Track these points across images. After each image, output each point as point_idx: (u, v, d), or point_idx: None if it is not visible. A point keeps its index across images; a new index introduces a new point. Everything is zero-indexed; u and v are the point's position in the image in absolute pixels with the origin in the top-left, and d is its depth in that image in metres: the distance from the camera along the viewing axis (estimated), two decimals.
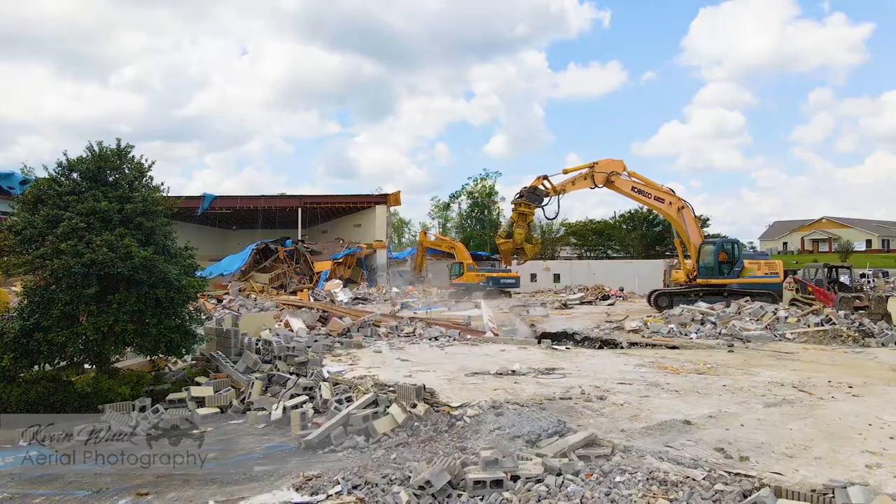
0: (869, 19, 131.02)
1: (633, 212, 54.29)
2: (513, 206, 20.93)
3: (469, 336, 14.48)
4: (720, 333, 14.86)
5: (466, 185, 78.21)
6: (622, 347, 14.73)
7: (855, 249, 73.51)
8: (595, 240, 58.68)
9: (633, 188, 21.90)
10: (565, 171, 21.15)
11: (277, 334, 11.86)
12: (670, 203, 22.39)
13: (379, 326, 15.79)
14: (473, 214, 79.40)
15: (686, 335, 15.03)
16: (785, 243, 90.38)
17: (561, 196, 21.11)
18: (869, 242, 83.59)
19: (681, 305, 17.36)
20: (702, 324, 15.78)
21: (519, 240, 20.20)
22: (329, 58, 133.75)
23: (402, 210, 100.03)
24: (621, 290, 34.07)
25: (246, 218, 48.31)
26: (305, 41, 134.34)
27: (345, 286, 38.84)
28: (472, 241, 64.45)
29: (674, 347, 13.91)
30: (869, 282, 35.49)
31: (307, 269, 40.92)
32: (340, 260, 41.51)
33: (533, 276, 43.26)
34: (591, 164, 21.32)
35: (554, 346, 12.99)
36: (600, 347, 15.26)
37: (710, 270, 22.71)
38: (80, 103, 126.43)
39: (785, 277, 23.84)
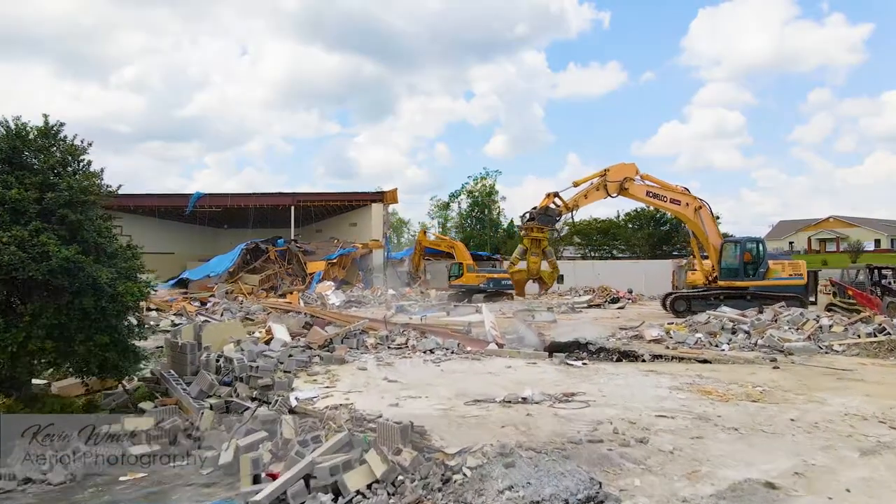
0: (868, 20, 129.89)
1: (638, 210, 52.43)
2: (522, 231, 18.47)
3: (469, 348, 12.65)
4: (755, 344, 13.02)
5: (466, 184, 76.72)
6: (644, 360, 12.90)
7: (864, 249, 71.71)
8: (599, 239, 56.76)
9: (647, 193, 19.97)
10: (575, 184, 19.10)
11: (242, 349, 10.02)
12: (687, 204, 20.48)
13: (368, 335, 13.99)
14: (473, 214, 77.77)
15: (716, 346, 13.21)
16: (791, 243, 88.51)
17: (574, 212, 19.19)
18: (878, 242, 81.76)
19: (707, 312, 15.56)
20: (733, 333, 13.95)
21: (535, 269, 17.72)
22: (329, 58, 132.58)
23: (402, 210, 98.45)
24: (630, 291, 32.24)
25: (237, 217, 46.52)
26: (305, 41, 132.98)
27: (339, 288, 37.09)
28: (472, 240, 62.71)
29: (705, 361, 12.09)
30: (889, 283, 33.62)
31: (300, 270, 39.13)
32: (335, 260, 39.72)
33: None
34: (602, 171, 19.21)
35: (568, 362, 11.15)
36: (618, 360, 13.43)
37: (732, 272, 20.89)
38: (79, 103, 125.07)
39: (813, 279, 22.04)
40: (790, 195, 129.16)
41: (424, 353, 12.25)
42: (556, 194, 18.28)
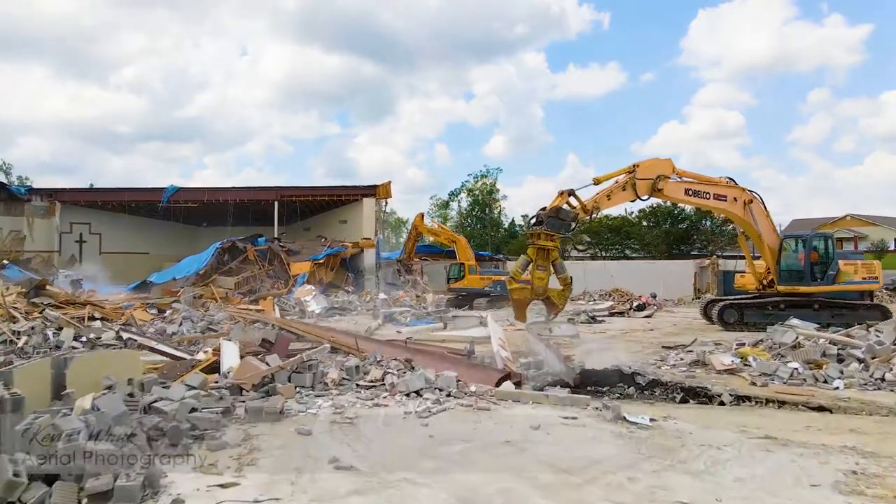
0: (867, 20, 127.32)
1: (653, 207, 48.45)
2: (528, 238, 14.17)
3: (473, 387, 8.74)
4: (882, 380, 9.17)
5: (466, 182, 73.44)
6: (723, 403, 9.06)
7: (888, 249, 67.85)
8: (611, 238, 52.65)
9: (686, 191, 16.01)
10: (596, 181, 14.91)
11: (96, 408, 6.09)
12: (735, 199, 16.48)
13: (333, 360, 10.12)
14: (474, 213, 74.54)
15: (824, 382, 9.34)
16: None
17: (593, 216, 14.99)
18: None
19: (792, 330, 11.66)
20: (839, 361, 10.07)
21: (541, 286, 13.47)
22: (328, 58, 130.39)
23: (401, 209, 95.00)
24: (654, 296, 28.33)
25: (218, 214, 42.62)
26: (304, 42, 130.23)
27: (325, 291, 33.31)
28: (473, 240, 58.89)
29: (821, 409, 8.25)
30: None
31: (282, 272, 35.23)
32: (321, 261, 35.78)
33: None
34: (630, 167, 14.87)
35: (628, 418, 7.20)
36: (684, 400, 9.58)
37: (794, 275, 17.04)
38: (80, 104, 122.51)
39: None
40: (790, 195, 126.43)
41: (408, 395, 8.35)
42: (572, 193, 13.97)
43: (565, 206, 13.87)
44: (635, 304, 24.79)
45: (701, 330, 18.00)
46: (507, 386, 8.62)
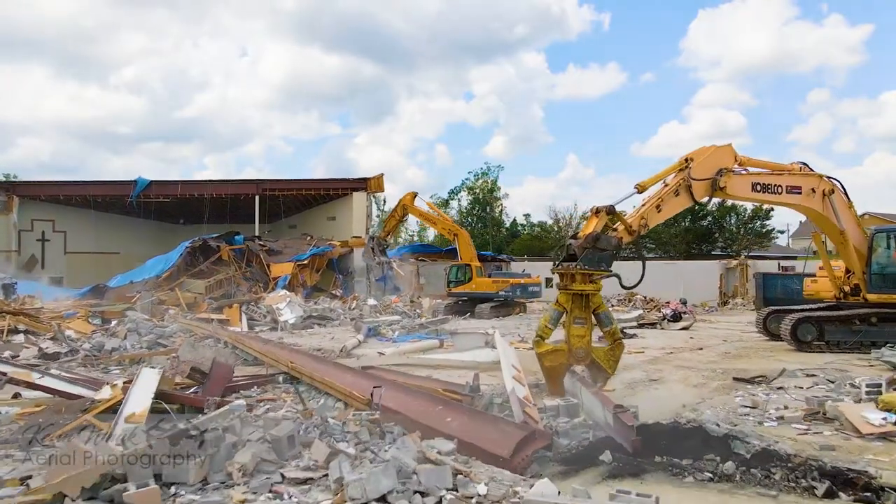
0: (867, 20, 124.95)
1: None
2: (559, 280, 9.63)
3: (481, 486, 5.01)
4: None
5: (466, 180, 70.28)
6: None
7: None
8: None
9: (753, 186, 12.07)
10: (640, 188, 10.61)
11: None
12: (812, 190, 12.64)
13: (297, 387, 6.41)
14: (474, 212, 71.28)
15: None
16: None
17: (640, 233, 10.63)
18: None
19: None
20: None
21: (582, 347, 9.23)
22: (328, 59, 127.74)
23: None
24: (684, 302, 24.56)
25: (196, 210, 38.97)
26: (304, 42, 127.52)
27: (308, 296, 29.65)
28: (474, 240, 55.29)
29: None
30: None
31: (261, 274, 31.56)
32: (305, 262, 32.16)
33: (548, 282, 33.65)
34: (682, 162, 10.69)
35: None
36: (829, 493, 5.83)
37: (891, 280, 13.31)
38: (80, 104, 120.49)
39: None
40: None
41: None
42: (611, 210, 9.68)
43: (603, 232, 9.64)
44: (667, 312, 21.03)
45: (763, 349, 14.33)
46: (544, 487, 4.84)
